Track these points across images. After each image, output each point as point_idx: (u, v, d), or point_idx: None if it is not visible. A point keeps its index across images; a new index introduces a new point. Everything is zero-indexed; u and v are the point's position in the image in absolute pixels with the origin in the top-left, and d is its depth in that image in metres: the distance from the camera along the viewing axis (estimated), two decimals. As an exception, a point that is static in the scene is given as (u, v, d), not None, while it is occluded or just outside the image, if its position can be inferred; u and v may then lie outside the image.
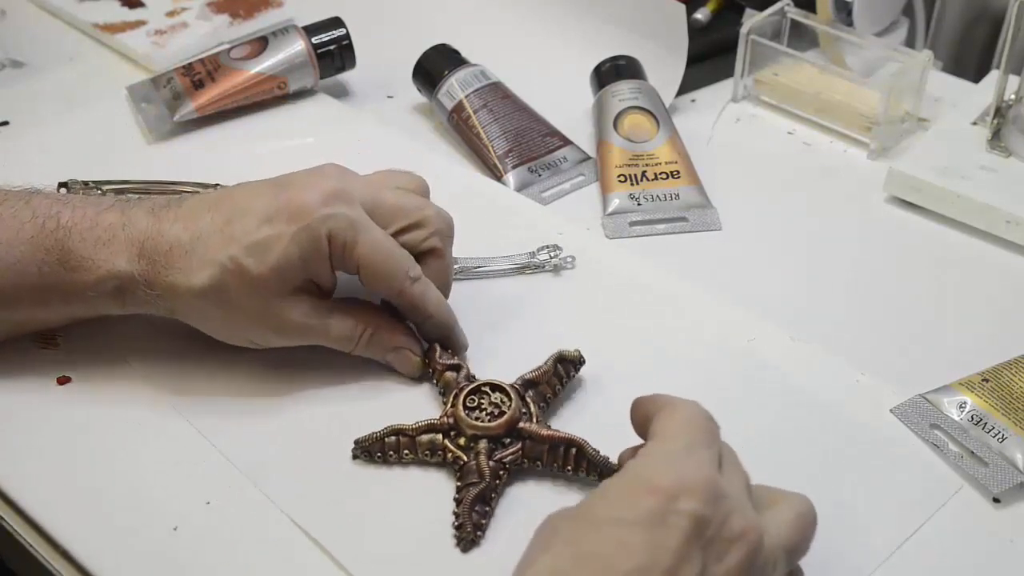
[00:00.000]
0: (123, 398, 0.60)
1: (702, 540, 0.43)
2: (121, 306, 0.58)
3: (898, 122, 0.82)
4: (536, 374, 0.59)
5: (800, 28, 0.87)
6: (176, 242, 0.56)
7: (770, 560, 0.45)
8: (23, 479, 0.56)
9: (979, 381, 0.61)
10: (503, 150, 0.79)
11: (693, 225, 0.75)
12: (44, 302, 0.58)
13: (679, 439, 0.46)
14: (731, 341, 0.64)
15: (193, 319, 0.58)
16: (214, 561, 0.53)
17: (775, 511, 0.47)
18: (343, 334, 0.59)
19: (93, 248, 0.57)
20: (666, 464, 0.45)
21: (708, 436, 0.47)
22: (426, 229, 0.59)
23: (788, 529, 0.47)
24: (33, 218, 0.58)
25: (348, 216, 0.57)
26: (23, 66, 0.89)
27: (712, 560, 0.43)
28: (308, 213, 0.56)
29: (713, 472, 0.45)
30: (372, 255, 0.57)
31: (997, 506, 0.56)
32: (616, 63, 0.82)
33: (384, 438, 0.56)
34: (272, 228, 0.56)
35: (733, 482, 0.46)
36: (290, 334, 0.59)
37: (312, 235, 0.56)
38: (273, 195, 0.57)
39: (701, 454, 0.45)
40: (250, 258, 0.56)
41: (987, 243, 0.74)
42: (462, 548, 0.53)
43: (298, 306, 0.58)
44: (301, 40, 0.83)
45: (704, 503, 0.43)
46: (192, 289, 0.56)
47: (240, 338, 0.59)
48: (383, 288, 0.59)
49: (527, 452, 0.56)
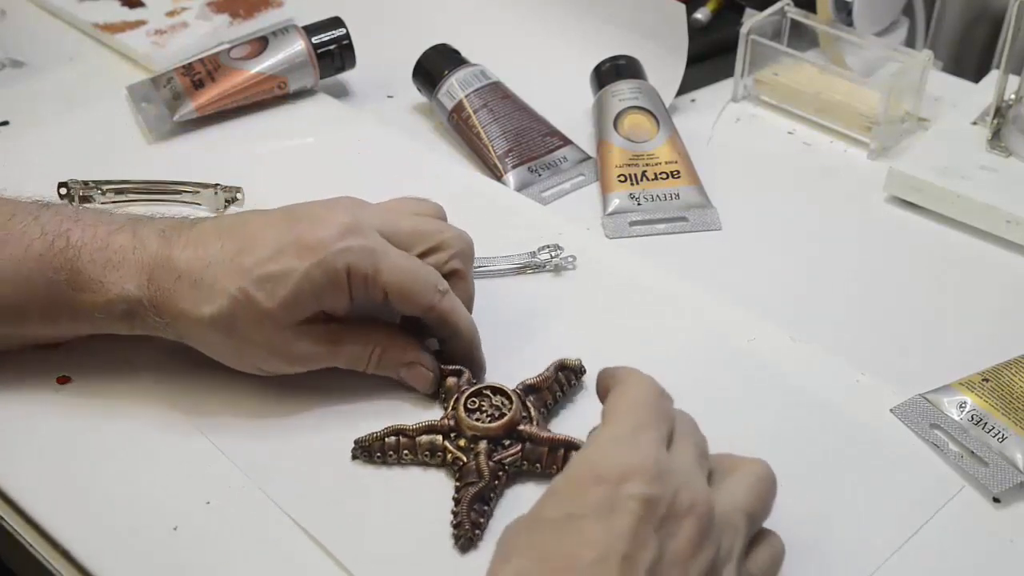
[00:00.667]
0: (123, 398, 0.60)
1: (654, 520, 0.43)
2: (129, 328, 0.58)
3: (898, 122, 0.82)
4: (537, 380, 0.59)
5: (800, 28, 0.87)
6: (186, 270, 0.56)
7: (728, 526, 0.46)
8: (23, 479, 0.56)
9: (979, 381, 0.61)
10: (503, 150, 0.79)
11: (693, 225, 0.75)
12: (52, 320, 0.58)
13: (624, 422, 0.46)
14: (731, 341, 0.64)
15: (202, 346, 0.58)
16: (214, 561, 0.53)
17: (732, 478, 0.48)
18: (354, 356, 0.59)
19: (103, 270, 0.57)
20: (610, 450, 0.45)
21: (655, 415, 0.47)
22: (446, 252, 0.59)
23: (745, 494, 0.47)
24: (42, 235, 0.57)
25: (365, 247, 0.56)
26: (23, 66, 0.89)
27: (666, 537, 0.43)
28: (322, 248, 0.56)
29: (657, 452, 0.45)
30: (398, 278, 0.57)
31: (997, 506, 0.56)
32: (616, 63, 0.82)
33: (384, 438, 0.56)
34: (283, 262, 0.56)
35: (682, 456, 0.46)
36: (299, 363, 0.58)
37: (327, 270, 0.56)
38: (286, 227, 0.57)
39: (644, 435, 0.46)
40: (260, 291, 0.55)
41: (987, 243, 0.74)
42: (460, 547, 0.53)
43: (307, 336, 0.58)
44: (301, 40, 0.83)
45: (649, 484, 0.43)
46: (201, 319, 0.56)
47: (248, 366, 0.59)
48: (415, 308, 0.58)
49: (527, 455, 0.56)
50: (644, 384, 0.49)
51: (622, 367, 0.50)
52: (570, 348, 0.62)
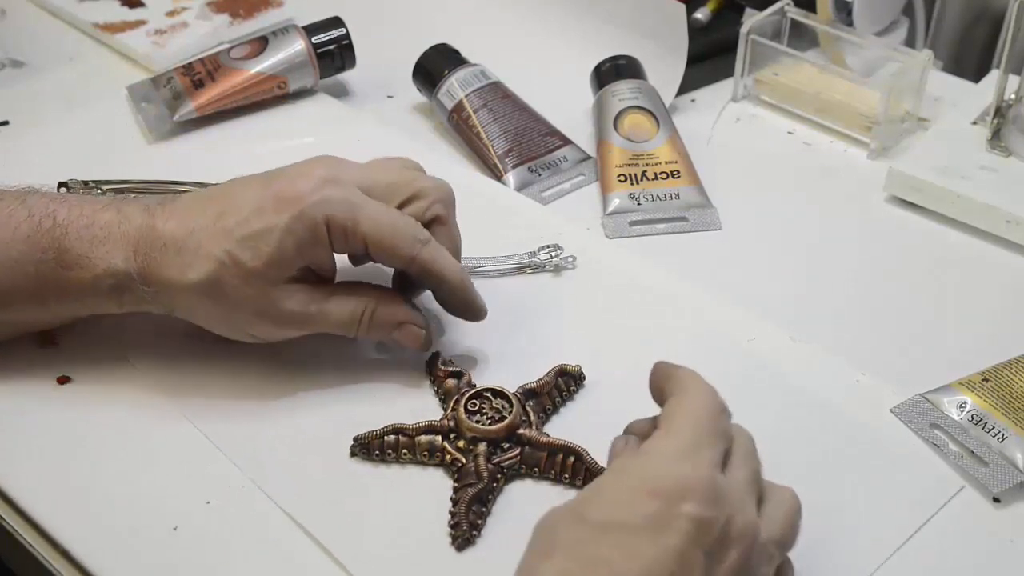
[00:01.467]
0: (123, 397, 0.60)
1: (705, 543, 0.43)
2: (119, 304, 0.58)
3: (898, 122, 0.82)
4: (537, 384, 0.59)
5: (800, 28, 0.87)
6: (170, 238, 0.56)
7: (764, 556, 0.46)
8: (23, 479, 0.56)
9: (979, 381, 0.61)
10: (503, 150, 0.79)
11: (693, 225, 0.75)
12: (41, 301, 0.58)
13: (683, 436, 0.46)
14: (731, 341, 0.64)
15: (191, 315, 0.58)
16: (214, 561, 0.53)
17: (770, 506, 0.47)
18: (344, 318, 0.59)
19: (89, 246, 0.57)
20: (667, 465, 0.45)
21: (714, 432, 0.46)
22: (426, 199, 0.59)
23: (780, 524, 0.47)
24: (29, 217, 0.57)
25: (343, 197, 0.56)
26: (23, 66, 0.89)
27: (714, 562, 0.43)
28: (300, 200, 0.56)
29: (714, 472, 0.45)
30: (377, 228, 0.57)
31: (997, 506, 0.56)
32: (616, 63, 0.82)
33: (384, 436, 0.56)
34: (265, 219, 0.56)
35: (738, 477, 0.46)
36: (290, 324, 0.58)
37: (307, 222, 0.56)
38: (264, 186, 0.57)
39: (704, 454, 0.45)
40: (245, 251, 0.56)
41: (987, 243, 0.74)
42: (458, 547, 0.53)
43: (296, 295, 0.57)
44: (301, 40, 0.83)
45: (705, 506, 0.43)
46: (188, 284, 0.56)
47: (240, 332, 0.59)
48: (395, 259, 0.58)
49: (525, 459, 0.56)
50: (707, 396, 0.48)
51: (683, 369, 0.49)
52: (570, 348, 0.62)
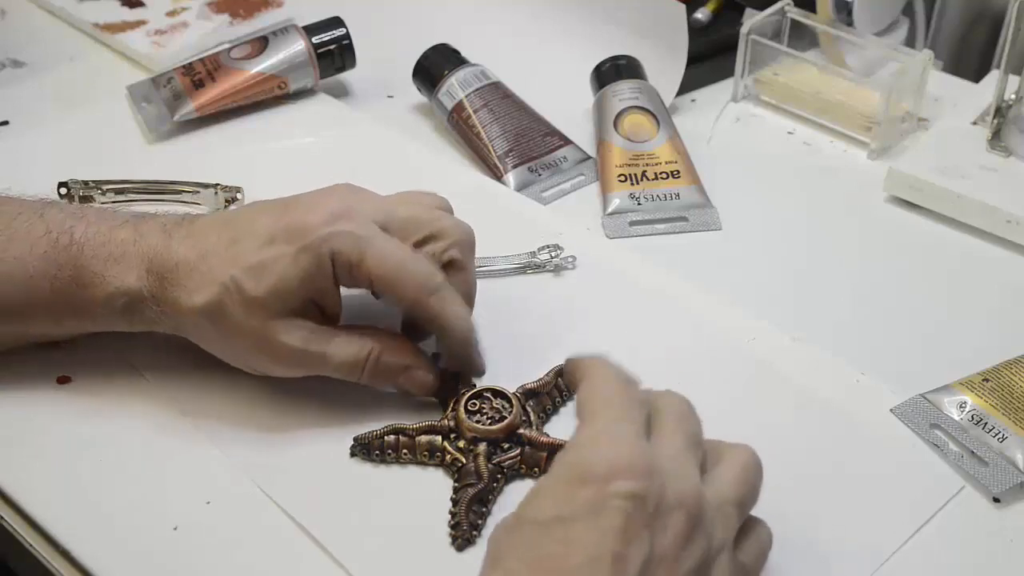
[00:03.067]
0: (123, 398, 0.60)
1: (644, 516, 0.42)
2: (129, 323, 0.58)
3: (898, 122, 0.82)
4: (537, 384, 0.59)
5: (800, 28, 0.87)
6: (183, 259, 0.56)
7: (718, 517, 0.45)
8: (23, 479, 0.56)
9: (979, 381, 0.61)
10: (503, 150, 0.79)
11: (693, 225, 0.75)
12: (55, 318, 0.58)
13: (597, 418, 0.46)
14: (731, 341, 0.64)
15: (195, 338, 0.58)
16: (214, 561, 0.53)
17: (720, 467, 0.47)
18: (347, 360, 0.57)
19: (104, 264, 0.57)
20: (591, 450, 0.44)
21: (626, 406, 0.46)
22: (444, 240, 0.57)
23: (733, 484, 0.47)
24: (47, 233, 0.57)
25: (352, 233, 0.55)
26: (23, 66, 0.89)
27: (657, 532, 0.43)
28: (309, 233, 0.55)
29: (639, 444, 0.44)
30: (382, 265, 0.55)
31: (997, 506, 0.56)
32: (616, 63, 0.82)
33: (384, 436, 0.56)
34: (273, 249, 0.55)
35: (668, 446, 0.46)
36: (288, 360, 0.57)
37: (313, 256, 0.55)
38: (278, 216, 0.56)
39: (623, 428, 0.45)
40: (249, 279, 0.55)
41: (987, 243, 0.74)
42: (458, 547, 0.53)
43: (297, 331, 0.56)
44: (301, 40, 0.83)
45: (635, 480, 0.43)
46: (193, 307, 0.56)
47: (240, 361, 0.58)
48: (399, 300, 0.57)
49: (526, 459, 0.56)
50: (608, 375, 0.47)
51: (586, 358, 0.49)
52: (570, 348, 0.61)
